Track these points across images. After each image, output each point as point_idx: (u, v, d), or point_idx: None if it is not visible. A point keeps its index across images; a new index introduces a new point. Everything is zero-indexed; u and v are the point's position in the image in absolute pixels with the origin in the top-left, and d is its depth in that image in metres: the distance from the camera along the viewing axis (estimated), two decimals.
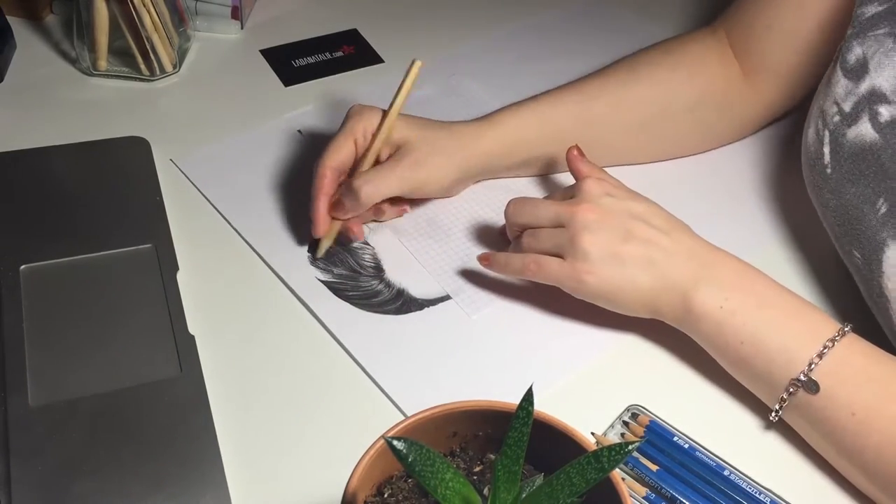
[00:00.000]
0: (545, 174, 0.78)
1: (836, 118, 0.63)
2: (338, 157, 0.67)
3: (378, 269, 0.69)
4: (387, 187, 0.67)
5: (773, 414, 0.58)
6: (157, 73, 0.84)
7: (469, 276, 0.69)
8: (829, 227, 0.66)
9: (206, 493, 0.53)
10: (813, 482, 0.58)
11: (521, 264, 0.64)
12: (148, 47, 0.82)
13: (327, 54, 0.90)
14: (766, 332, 0.57)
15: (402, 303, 0.67)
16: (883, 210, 0.59)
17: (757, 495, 0.55)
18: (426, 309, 0.66)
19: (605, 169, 0.69)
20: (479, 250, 0.70)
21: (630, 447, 0.37)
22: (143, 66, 0.83)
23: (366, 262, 0.69)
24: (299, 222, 0.71)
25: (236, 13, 0.90)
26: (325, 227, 0.67)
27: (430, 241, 0.71)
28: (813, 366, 0.55)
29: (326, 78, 0.87)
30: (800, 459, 0.59)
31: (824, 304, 0.68)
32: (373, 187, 0.66)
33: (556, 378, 0.63)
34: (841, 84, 0.63)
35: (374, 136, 0.68)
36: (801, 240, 0.74)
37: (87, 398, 0.57)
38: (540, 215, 0.64)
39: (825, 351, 0.55)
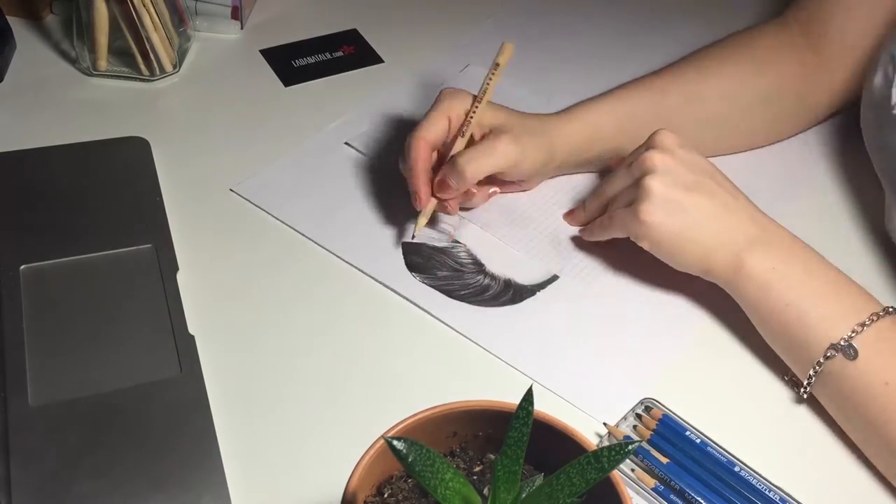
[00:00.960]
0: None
1: None
2: (432, 130, 0.68)
3: (478, 265, 0.70)
4: (490, 163, 0.68)
5: (806, 382, 0.59)
6: (157, 73, 0.84)
7: (569, 251, 0.71)
8: (885, 171, 0.67)
9: (206, 493, 0.53)
10: (825, 482, 0.58)
11: (599, 226, 0.69)
12: (148, 47, 0.82)
13: (327, 54, 0.90)
14: (812, 300, 0.59)
15: (514, 292, 0.68)
16: None
17: (767, 493, 0.55)
18: (538, 294, 0.68)
19: None
20: (564, 227, 0.73)
21: (630, 447, 0.37)
22: (143, 66, 0.83)
23: (464, 260, 0.70)
24: (384, 229, 0.71)
25: (236, 13, 0.90)
26: (427, 199, 0.68)
27: (515, 228, 0.73)
28: (854, 334, 0.57)
29: (326, 78, 0.87)
30: (813, 459, 0.59)
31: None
32: (477, 165, 0.67)
33: (554, 380, 0.63)
34: None
35: (468, 117, 0.68)
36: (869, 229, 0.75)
37: (87, 398, 0.57)
38: (620, 180, 0.67)
39: (868, 323, 0.57)
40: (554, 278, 0.69)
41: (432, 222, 0.72)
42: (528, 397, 0.38)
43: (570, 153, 0.74)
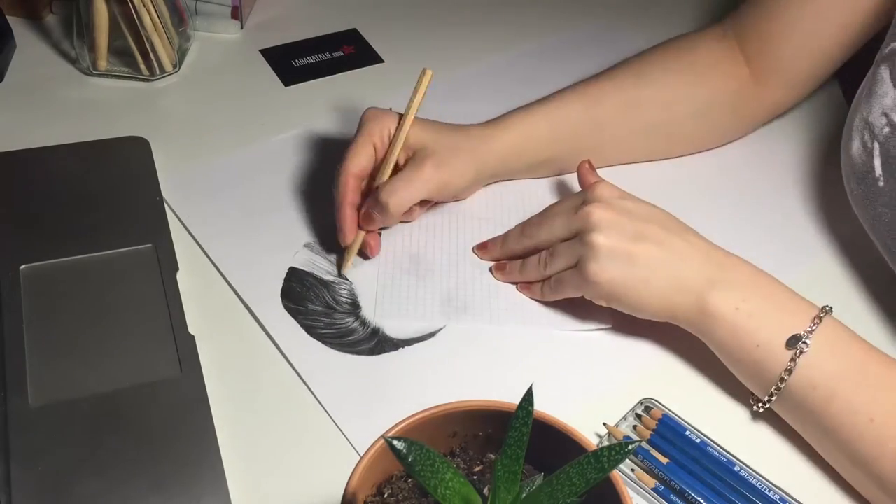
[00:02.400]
0: (556, 175, 0.78)
1: (886, 129, 0.63)
2: (359, 162, 0.67)
3: (354, 306, 0.66)
4: (413, 194, 0.67)
5: (763, 403, 0.58)
6: (157, 73, 0.84)
7: (450, 314, 0.66)
8: (882, 239, 0.65)
9: (206, 493, 0.53)
10: (825, 482, 0.58)
11: (550, 289, 0.65)
12: (148, 47, 0.82)
13: (327, 54, 0.90)
14: (783, 338, 0.57)
15: (377, 343, 0.64)
16: None
17: (767, 492, 0.55)
18: (401, 349, 0.64)
19: (612, 168, 0.72)
20: (462, 288, 0.68)
21: (630, 447, 0.37)
22: (143, 66, 0.83)
23: (343, 298, 0.67)
24: (276, 253, 0.69)
25: (236, 13, 0.90)
26: (353, 236, 0.67)
27: (411, 277, 0.69)
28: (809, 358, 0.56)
29: (326, 78, 0.87)
30: (812, 456, 0.59)
31: (872, 311, 0.69)
32: (399, 197, 0.66)
33: (555, 381, 0.63)
34: (890, 95, 0.63)
35: (392, 143, 0.67)
36: (844, 246, 0.74)
37: (87, 398, 0.57)
38: (556, 229, 0.65)
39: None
40: (424, 338, 0.64)
41: (329, 253, 0.70)
42: (528, 397, 0.38)
43: (500, 163, 0.73)
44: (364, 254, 0.69)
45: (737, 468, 0.56)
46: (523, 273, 0.67)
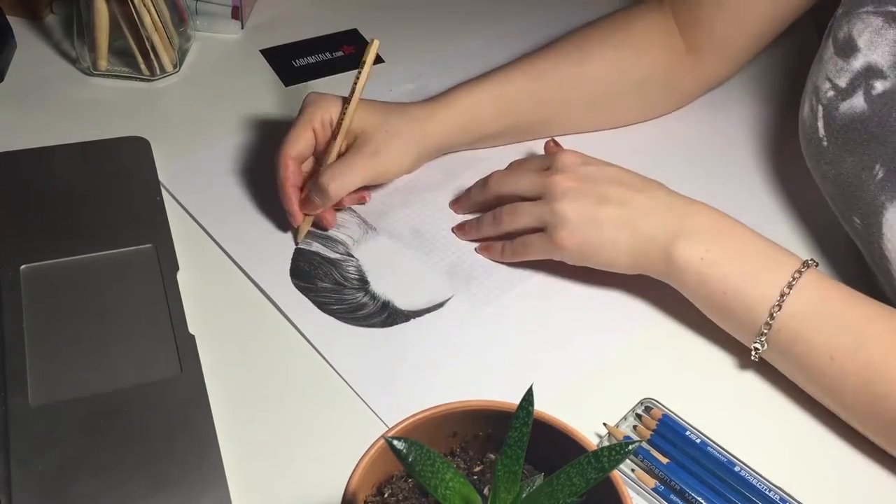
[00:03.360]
0: (502, 145, 0.80)
1: (830, 93, 0.65)
2: (296, 146, 0.69)
3: (363, 281, 0.68)
4: (352, 180, 0.69)
5: (754, 353, 0.61)
6: (158, 73, 0.84)
7: (457, 284, 0.68)
8: (829, 196, 0.69)
9: (206, 493, 0.53)
10: (825, 482, 0.58)
11: (511, 250, 0.68)
12: (148, 47, 0.82)
13: (327, 54, 0.90)
14: (747, 282, 0.60)
15: (388, 315, 0.66)
16: (880, 175, 0.61)
17: (767, 492, 0.55)
18: (412, 320, 0.65)
19: (563, 138, 0.75)
20: (465, 257, 0.70)
21: (630, 447, 0.37)
22: (143, 66, 0.83)
23: (350, 275, 0.68)
24: (282, 234, 0.70)
25: (236, 13, 0.90)
26: (301, 216, 0.69)
27: (415, 252, 0.70)
28: (784, 297, 0.58)
29: (326, 78, 0.87)
30: (813, 460, 0.59)
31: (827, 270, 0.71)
32: (339, 183, 0.68)
33: (556, 380, 0.63)
34: (833, 62, 0.65)
35: (338, 125, 0.69)
36: (801, 209, 0.77)
37: (87, 398, 0.57)
38: (520, 186, 0.68)
39: (793, 281, 0.59)
40: (434, 307, 0.66)
41: (336, 230, 0.71)
42: (529, 397, 0.38)
43: (444, 140, 0.75)
44: (321, 226, 0.71)
45: (737, 468, 0.56)
46: (479, 229, 0.70)
